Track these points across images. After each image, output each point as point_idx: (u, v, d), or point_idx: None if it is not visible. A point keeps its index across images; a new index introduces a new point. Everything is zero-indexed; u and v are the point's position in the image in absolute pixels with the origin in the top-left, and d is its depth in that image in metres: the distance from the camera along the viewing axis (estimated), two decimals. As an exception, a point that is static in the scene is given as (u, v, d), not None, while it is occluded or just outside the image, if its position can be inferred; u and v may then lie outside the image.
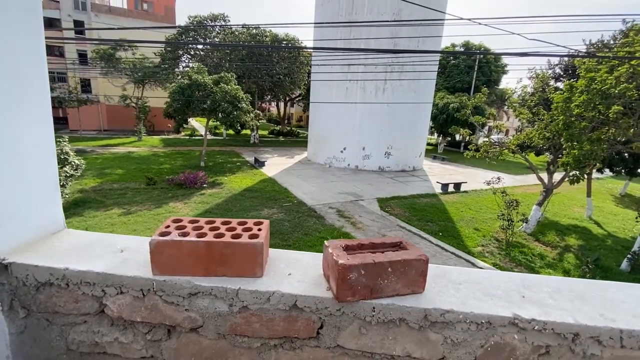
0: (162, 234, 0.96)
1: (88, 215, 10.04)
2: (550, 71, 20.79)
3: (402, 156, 20.05)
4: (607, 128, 8.91)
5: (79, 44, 28.89)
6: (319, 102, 20.46)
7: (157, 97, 25.86)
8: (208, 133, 20.15)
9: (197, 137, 29.54)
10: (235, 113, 16.15)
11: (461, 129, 13.42)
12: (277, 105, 42.51)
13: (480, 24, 5.94)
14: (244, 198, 12.46)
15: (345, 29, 18.19)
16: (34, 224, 1.13)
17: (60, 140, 10.54)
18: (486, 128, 17.17)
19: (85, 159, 12.49)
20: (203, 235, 0.97)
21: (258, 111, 26.56)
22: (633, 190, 20.24)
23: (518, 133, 12.95)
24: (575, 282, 1.06)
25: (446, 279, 1.03)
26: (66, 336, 1.05)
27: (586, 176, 11.83)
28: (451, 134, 30.14)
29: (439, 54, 23.58)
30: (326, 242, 0.98)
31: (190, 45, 28.39)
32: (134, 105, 26.60)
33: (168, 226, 1.00)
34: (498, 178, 11.06)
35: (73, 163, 10.62)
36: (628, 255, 8.88)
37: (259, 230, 1.01)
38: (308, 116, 25.59)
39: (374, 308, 0.90)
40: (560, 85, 17.46)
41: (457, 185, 15.78)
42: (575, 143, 8.93)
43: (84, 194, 11.79)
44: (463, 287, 0.99)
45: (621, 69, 8.05)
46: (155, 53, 27.59)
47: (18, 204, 1.06)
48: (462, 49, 34.66)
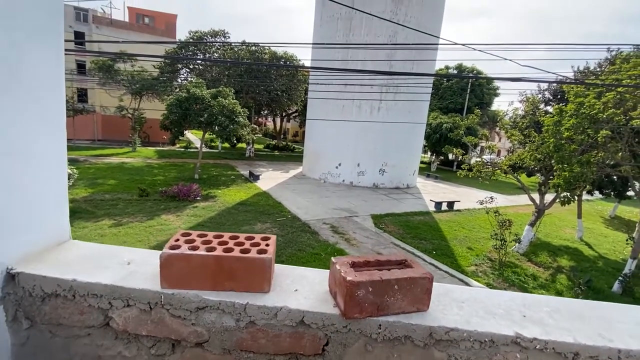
0: (173, 247, 0.97)
1: (77, 225, 9.86)
2: (540, 95, 21.49)
3: (397, 173, 20.25)
4: (596, 151, 9.18)
5: (78, 55, 29.07)
6: (315, 119, 20.73)
7: (154, 110, 25.96)
8: (204, 146, 20.17)
9: (193, 150, 29.49)
10: (231, 126, 16.25)
11: (454, 149, 13.69)
12: (274, 120, 42.90)
13: (474, 50, 6.17)
14: (238, 212, 12.38)
15: (342, 50, 18.70)
16: (42, 234, 1.13)
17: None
18: (479, 148, 17.51)
19: (77, 169, 12.39)
20: (212, 249, 0.98)
21: (254, 125, 26.77)
22: (622, 212, 20.61)
23: (510, 154, 13.24)
24: (573, 303, 1.09)
25: (449, 297, 1.05)
26: (69, 349, 1.03)
27: (576, 198, 12.05)
28: (444, 153, 30.60)
29: (433, 77, 24.27)
30: (333, 259, 1.00)
31: (189, 59, 28.77)
32: (130, 116, 26.62)
33: (177, 239, 1.02)
34: (491, 197, 11.21)
35: (66, 172, 10.50)
36: (619, 277, 8.96)
37: (267, 245, 1.03)
38: (304, 131, 25.87)
39: (380, 325, 0.91)
40: (549, 109, 18.01)
41: (451, 203, 15.92)
42: (565, 165, 9.16)
43: (75, 204, 11.60)
44: (466, 306, 1.01)
45: (609, 95, 8.38)
46: (154, 66, 27.87)
47: (28, 214, 1.07)
48: (456, 72, 35.70)
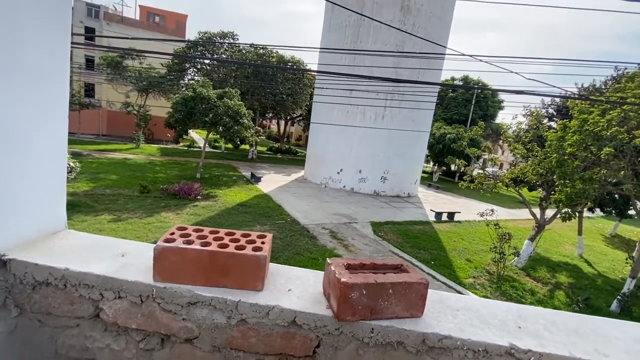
0: (167, 240, 0.96)
1: (76, 219, 9.86)
2: (544, 110, 21.51)
3: (398, 182, 20.22)
4: (599, 168, 9.14)
5: (88, 49, 29.37)
6: (319, 123, 20.78)
7: (160, 107, 26.12)
8: (207, 145, 20.23)
9: (196, 149, 29.60)
10: (236, 128, 16.31)
11: (457, 160, 13.67)
12: (278, 123, 43.05)
13: (480, 61, 6.20)
14: (237, 213, 12.36)
15: (349, 56, 18.80)
16: (37, 222, 1.13)
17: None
18: (481, 160, 17.49)
19: (80, 162, 12.42)
20: (207, 244, 0.97)
21: (258, 127, 26.86)
22: (623, 231, 20.47)
23: (512, 167, 13.21)
24: (569, 317, 1.08)
25: (444, 305, 1.04)
26: (57, 339, 1.02)
27: (577, 214, 11.99)
28: (446, 164, 30.60)
29: (439, 86, 24.34)
30: (329, 260, 0.99)
31: (197, 58, 28.98)
32: (136, 112, 26.77)
33: (173, 233, 1.01)
34: (492, 210, 11.16)
35: (67, 165, 10.53)
36: (618, 296, 8.87)
37: (263, 243, 1.02)
38: (307, 136, 25.94)
39: (373, 329, 0.90)
40: (553, 124, 18.02)
41: (451, 214, 15.86)
42: (567, 181, 9.12)
43: (75, 197, 11.62)
44: (460, 314, 1.00)
45: (613, 113, 8.37)
46: (162, 64, 28.11)
47: (23, 200, 1.06)
48: (461, 83, 35.83)
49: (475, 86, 34.31)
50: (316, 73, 22.75)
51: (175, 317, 0.96)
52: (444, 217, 15.61)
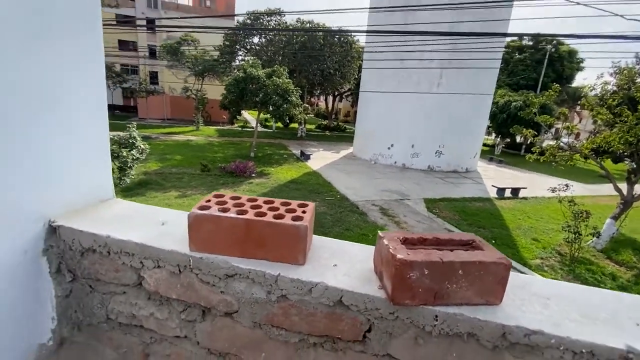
0: (202, 208, 0.89)
1: (149, 195, 10.89)
2: (639, 66, 18.08)
3: (455, 156, 18.87)
4: None
5: (150, 40, 31.55)
6: (369, 92, 19.86)
7: (215, 89, 27.30)
8: (259, 125, 20.79)
9: (249, 129, 30.69)
10: (285, 106, 16.41)
11: (524, 129, 12.19)
12: (326, 100, 42.59)
13: (555, 5, 5.20)
14: (289, 189, 12.64)
15: (401, 15, 17.25)
16: (84, 190, 1.14)
17: (129, 126, 11.58)
18: (553, 129, 15.46)
19: (149, 145, 13.55)
20: (244, 212, 0.88)
21: (307, 105, 26.83)
22: None
23: (593, 136, 11.43)
24: None
25: (527, 291, 0.83)
26: (107, 305, 1.04)
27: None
28: (511, 135, 27.77)
29: (504, 41, 21.63)
30: (380, 233, 0.83)
31: (248, 30, 29.32)
32: (194, 96, 28.37)
33: (209, 200, 0.94)
34: (566, 185, 9.89)
35: (139, 147, 11.57)
36: None
37: (304, 212, 0.90)
38: (356, 112, 25.26)
39: (437, 316, 0.74)
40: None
41: (515, 190, 14.46)
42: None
43: (147, 176, 12.83)
44: (552, 304, 0.78)
45: None
46: (214, 47, 29.12)
47: (70, 168, 1.07)
48: (531, 43, 31.59)
49: (550, 34, 29.60)
50: (365, 35, 21.48)
51: (213, 290, 0.89)
52: (507, 193, 14.30)
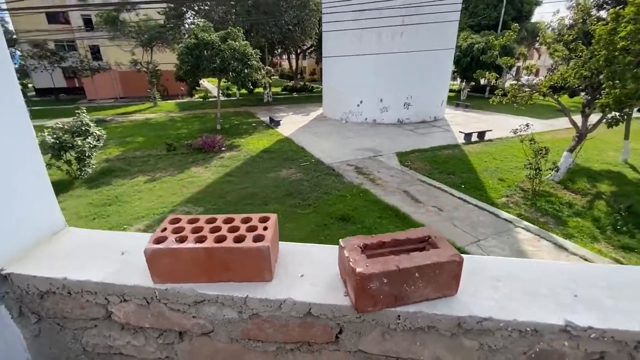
0: (158, 240, 0.86)
1: (116, 183, 10.40)
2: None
3: (423, 106, 19.08)
4: (657, 62, 7.91)
5: (83, 10, 28.03)
6: (331, 57, 19.29)
7: (166, 56, 25.25)
8: (221, 94, 19.76)
9: (211, 99, 29.16)
10: (245, 71, 15.58)
11: (487, 73, 12.37)
12: (289, 58, 40.71)
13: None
14: (262, 159, 12.46)
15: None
16: (30, 228, 1.06)
17: (78, 111, 10.65)
18: (514, 69, 15.78)
19: (105, 129, 12.65)
20: (202, 239, 0.86)
21: (269, 67, 25.61)
22: (677, 128, 18.60)
23: (550, 73, 11.81)
24: (635, 272, 0.91)
25: (482, 275, 0.90)
26: (80, 339, 1.02)
27: (625, 118, 10.86)
28: (476, 79, 28.16)
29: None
30: (341, 242, 0.85)
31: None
32: (145, 69, 26.21)
33: (164, 229, 0.91)
34: (527, 125, 10.38)
35: (94, 134, 10.79)
36: (667, 200, 8.38)
37: (265, 229, 0.90)
38: (321, 69, 24.43)
39: (399, 316, 0.79)
40: (604, 14, 15.44)
41: (481, 134, 15.03)
42: (617, 81, 8.06)
43: (110, 163, 12.15)
44: (502, 285, 0.86)
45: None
46: (158, 12, 26.44)
47: (10, 212, 0.98)
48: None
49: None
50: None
51: (185, 316, 0.90)
52: (474, 138, 14.86)
